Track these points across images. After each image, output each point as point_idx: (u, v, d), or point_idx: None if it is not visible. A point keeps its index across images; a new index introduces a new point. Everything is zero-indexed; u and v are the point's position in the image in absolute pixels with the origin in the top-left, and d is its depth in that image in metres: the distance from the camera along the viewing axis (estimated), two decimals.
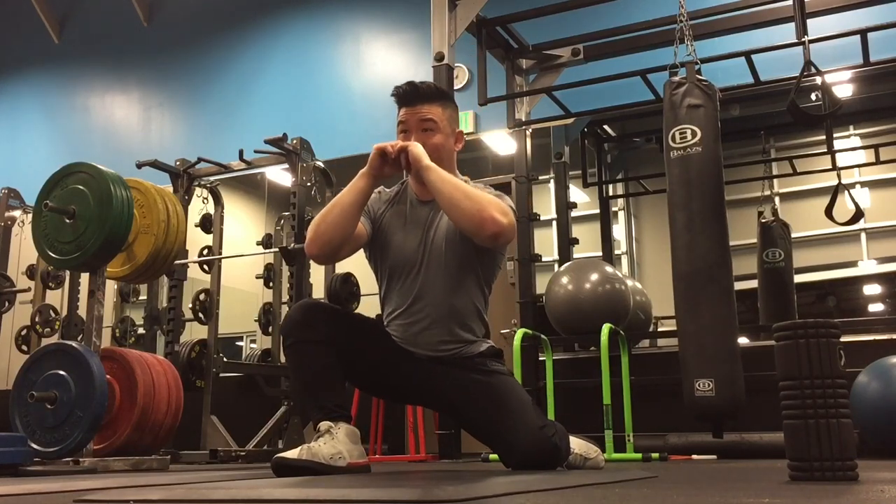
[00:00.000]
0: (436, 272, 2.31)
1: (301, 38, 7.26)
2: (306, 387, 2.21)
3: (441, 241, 2.32)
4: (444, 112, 2.38)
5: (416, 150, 2.24)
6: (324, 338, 2.18)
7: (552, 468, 2.20)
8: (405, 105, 2.37)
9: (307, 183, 4.92)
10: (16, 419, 2.89)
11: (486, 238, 2.18)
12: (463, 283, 2.32)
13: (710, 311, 3.50)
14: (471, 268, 2.33)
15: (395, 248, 2.36)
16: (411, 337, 2.33)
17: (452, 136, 2.40)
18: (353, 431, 2.15)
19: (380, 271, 2.42)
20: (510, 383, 2.32)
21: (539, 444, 2.17)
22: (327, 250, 2.27)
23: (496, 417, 2.23)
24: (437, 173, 2.22)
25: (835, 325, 1.65)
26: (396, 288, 2.36)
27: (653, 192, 6.57)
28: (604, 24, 5.12)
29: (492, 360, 2.35)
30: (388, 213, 2.41)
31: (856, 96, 5.90)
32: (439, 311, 2.31)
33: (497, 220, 2.15)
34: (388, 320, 2.38)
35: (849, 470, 1.60)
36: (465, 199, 2.18)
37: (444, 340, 2.32)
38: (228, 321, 5.43)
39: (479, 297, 2.37)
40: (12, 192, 6.12)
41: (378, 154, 2.26)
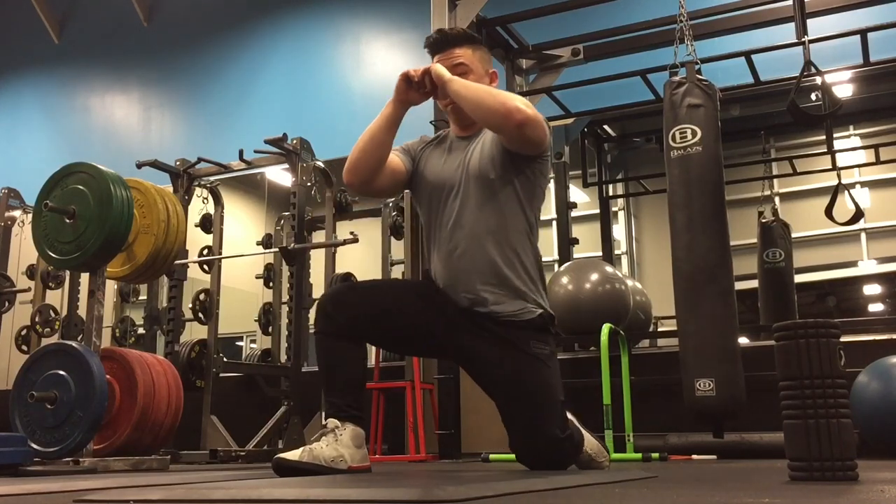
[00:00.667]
0: (473, 190, 2.29)
1: (301, 38, 7.26)
2: (325, 379, 2.21)
3: (477, 161, 2.32)
4: (475, 53, 2.41)
5: (437, 69, 2.27)
6: (346, 331, 2.17)
7: (556, 469, 2.20)
8: (436, 52, 2.41)
9: (307, 183, 4.92)
10: (16, 419, 2.89)
11: (513, 128, 2.17)
12: (503, 200, 2.28)
13: (710, 311, 3.50)
14: (508, 182, 2.28)
15: (433, 178, 2.38)
16: (453, 269, 2.27)
17: (486, 76, 2.42)
18: (359, 434, 2.14)
19: (423, 207, 2.42)
20: (546, 377, 2.23)
21: (552, 455, 2.19)
22: (361, 176, 2.31)
23: (518, 409, 2.21)
24: (459, 82, 2.26)
25: (835, 325, 1.65)
26: (437, 217, 2.35)
27: (653, 192, 6.57)
28: (604, 24, 5.13)
29: (538, 340, 2.24)
30: (427, 151, 2.45)
31: (856, 96, 5.91)
32: (479, 228, 2.26)
33: (521, 110, 2.16)
34: (432, 261, 2.36)
35: (849, 470, 1.60)
36: (488, 96, 2.22)
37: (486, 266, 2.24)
38: (228, 321, 5.43)
39: (521, 219, 2.30)
40: (12, 192, 6.12)
41: (403, 80, 2.29)
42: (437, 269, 2.33)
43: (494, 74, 2.46)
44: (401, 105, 2.32)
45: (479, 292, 2.24)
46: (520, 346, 2.22)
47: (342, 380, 2.19)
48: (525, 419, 2.20)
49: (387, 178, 2.35)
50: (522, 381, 2.20)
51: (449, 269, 2.29)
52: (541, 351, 2.24)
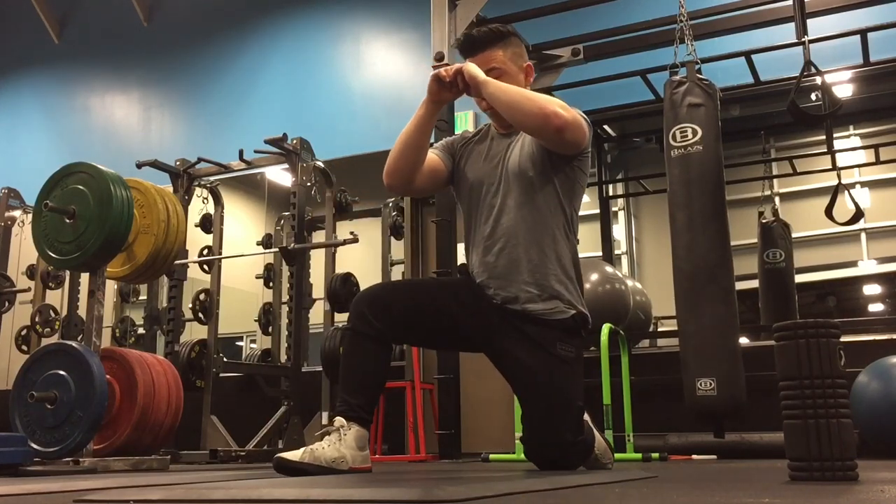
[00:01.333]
0: (512, 184, 2.30)
1: (301, 38, 7.26)
2: (343, 376, 2.20)
3: (516, 159, 2.32)
4: (507, 52, 2.39)
5: (470, 69, 2.25)
6: (378, 334, 2.16)
7: (564, 470, 2.21)
8: (467, 56, 2.40)
9: (307, 183, 4.92)
10: (16, 419, 2.89)
11: (552, 133, 2.18)
12: (543, 197, 2.28)
13: (710, 311, 3.50)
14: (548, 180, 2.29)
15: (474, 174, 2.38)
16: (491, 265, 2.28)
17: (521, 72, 2.42)
18: (363, 436, 2.13)
19: (463, 203, 2.43)
20: (567, 379, 2.23)
21: (559, 456, 2.21)
22: (400, 178, 2.32)
23: (536, 408, 2.21)
24: (494, 85, 2.24)
25: (835, 325, 1.65)
26: (478, 212, 2.35)
27: (653, 192, 6.57)
28: (604, 24, 5.13)
29: (564, 341, 2.24)
30: (468, 148, 2.45)
31: (856, 96, 5.90)
32: (518, 224, 2.27)
33: (559, 114, 2.15)
34: (471, 255, 2.36)
35: (849, 470, 1.60)
36: (525, 100, 2.20)
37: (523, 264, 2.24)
38: (228, 321, 5.44)
39: (560, 217, 2.30)
40: (12, 192, 6.12)
41: (434, 80, 2.28)
42: (475, 265, 2.34)
43: (530, 68, 2.46)
44: (434, 105, 2.31)
45: (514, 290, 2.25)
46: (546, 346, 2.22)
47: (361, 380, 2.18)
48: (539, 419, 2.21)
49: (426, 177, 2.36)
50: (542, 382, 2.21)
51: (486, 266, 2.30)
52: (566, 353, 2.24)
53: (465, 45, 2.41)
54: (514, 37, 2.45)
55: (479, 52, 2.37)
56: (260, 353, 5.78)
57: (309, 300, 5.18)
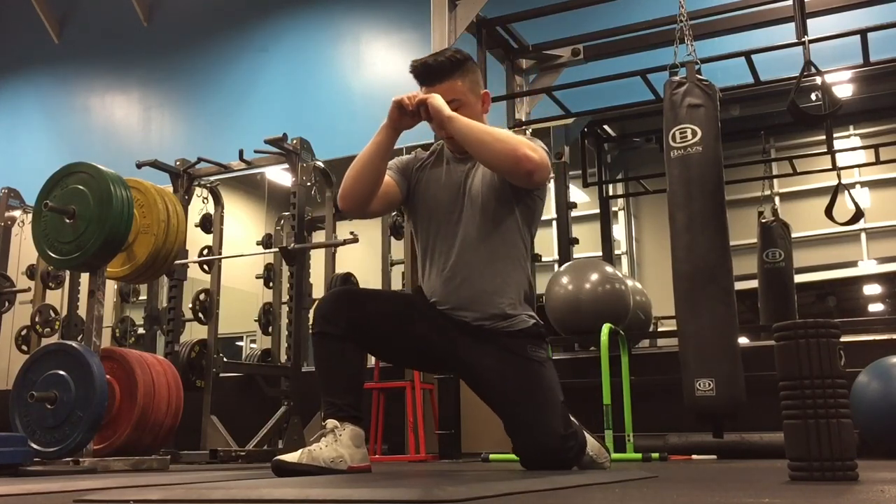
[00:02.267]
0: (473, 217, 2.29)
1: (301, 38, 7.26)
2: (323, 380, 2.21)
3: (478, 188, 2.30)
4: (465, 83, 2.33)
5: (435, 101, 2.21)
6: (344, 332, 2.16)
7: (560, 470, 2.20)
8: (424, 85, 2.35)
9: (307, 183, 4.92)
10: (16, 419, 2.89)
11: (522, 176, 2.17)
12: (502, 227, 2.29)
13: (710, 311, 3.50)
14: (509, 211, 2.29)
15: (432, 202, 2.35)
16: (452, 293, 2.28)
17: (478, 101, 2.37)
18: (358, 434, 2.14)
19: (420, 229, 2.40)
20: (545, 379, 2.25)
21: (555, 454, 2.18)
22: (355, 203, 2.29)
23: (522, 410, 2.21)
24: (461, 121, 2.21)
25: (835, 325, 1.65)
26: (436, 242, 2.34)
27: (653, 192, 6.57)
28: (604, 24, 5.13)
29: (533, 345, 2.27)
30: (424, 172, 2.41)
31: (856, 96, 5.90)
32: (479, 256, 2.27)
33: (530, 157, 2.14)
34: (429, 281, 2.34)
35: (849, 470, 1.60)
36: (495, 142, 2.17)
37: (487, 292, 2.26)
38: (228, 321, 5.43)
39: (520, 246, 2.32)
40: (12, 192, 6.12)
41: (396, 107, 2.25)
42: (435, 291, 2.33)
43: (486, 95, 2.41)
44: (393, 131, 2.28)
45: (477, 313, 2.27)
46: (517, 352, 2.25)
47: (342, 380, 2.19)
48: (529, 420, 2.20)
49: (381, 201, 2.32)
50: (524, 384, 2.21)
51: (447, 294, 2.30)
52: (538, 356, 2.28)
53: (422, 74, 2.33)
54: (470, 62, 2.38)
55: (436, 83, 2.31)
56: (260, 353, 5.77)
57: (309, 300, 5.17)
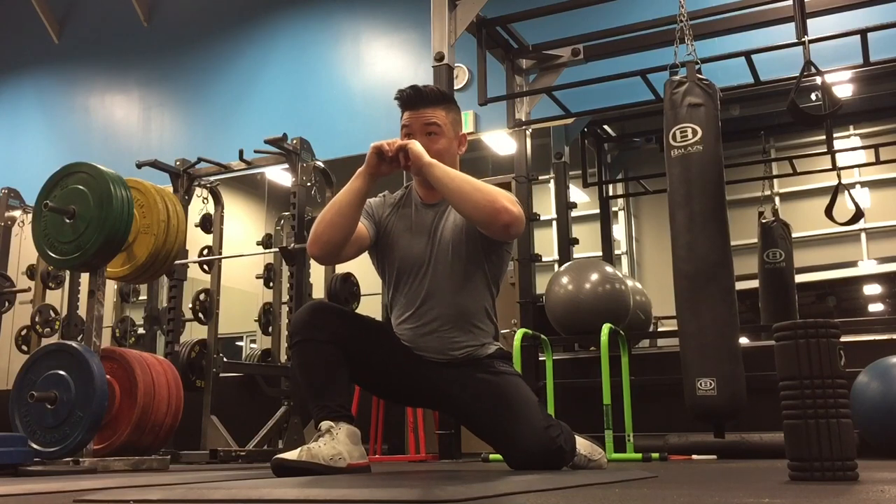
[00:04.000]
0: (443, 272, 2.30)
1: (301, 38, 7.26)
2: (310, 385, 2.20)
3: (448, 241, 2.31)
4: (448, 116, 2.36)
5: (415, 147, 2.21)
6: (330, 338, 2.18)
7: (556, 469, 2.20)
8: (409, 109, 2.35)
9: (307, 183, 4.92)
10: (16, 419, 2.89)
11: (499, 228, 2.17)
12: (471, 283, 2.32)
13: (710, 311, 3.50)
14: (478, 266, 2.32)
15: (401, 251, 2.35)
16: (421, 340, 2.32)
17: (456, 139, 2.38)
18: (354, 432, 2.15)
19: (387, 275, 2.40)
20: (516, 383, 2.31)
21: (543, 445, 2.18)
22: (328, 250, 2.25)
23: (501, 417, 2.22)
24: (440, 169, 2.20)
25: (835, 325, 1.65)
26: (404, 291, 2.35)
27: (653, 192, 6.57)
28: (604, 24, 5.12)
29: (500, 362, 2.34)
30: (392, 217, 2.40)
31: (856, 96, 5.90)
32: (448, 311, 2.30)
33: (510, 210, 2.14)
34: (397, 325, 2.37)
35: (849, 470, 1.60)
36: (475, 192, 2.17)
37: (454, 343, 2.31)
38: (228, 321, 5.43)
39: (488, 297, 2.36)
40: (12, 192, 6.12)
41: (375, 153, 2.23)
42: (403, 333, 2.36)
43: (464, 138, 2.43)
44: (371, 178, 2.26)
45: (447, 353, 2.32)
46: (487, 369, 2.31)
47: (331, 383, 2.19)
48: (511, 427, 2.21)
49: (353, 248, 2.30)
50: (498, 394, 2.26)
51: (416, 341, 2.34)
52: (506, 369, 2.35)
53: (411, 97, 2.35)
54: (456, 105, 2.43)
55: (423, 108, 2.33)
56: (260, 353, 5.77)
57: (309, 300, 5.18)
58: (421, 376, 2.32)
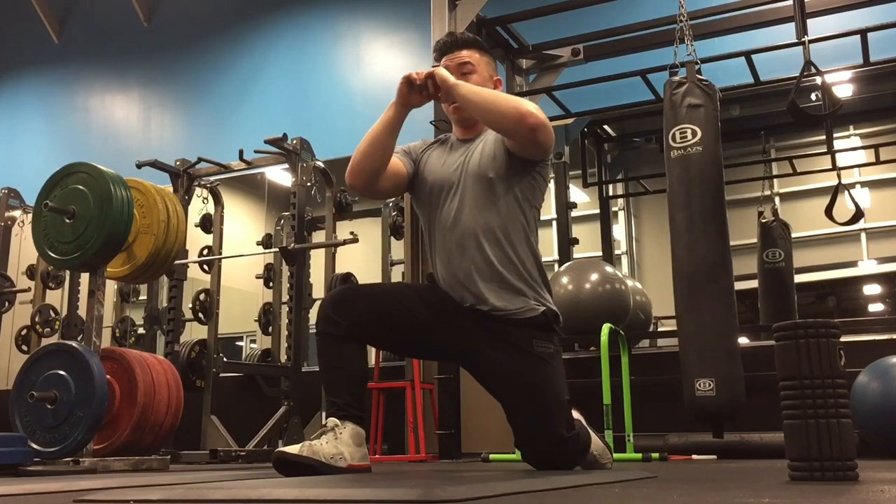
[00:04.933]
0: (473, 189, 2.29)
1: (301, 38, 7.26)
2: (325, 380, 2.22)
3: (477, 161, 2.32)
4: (482, 57, 2.42)
5: (441, 72, 2.25)
6: (346, 333, 2.17)
7: (563, 469, 2.20)
8: (445, 54, 2.42)
9: (307, 183, 4.92)
10: (16, 419, 2.89)
11: (527, 132, 2.17)
12: (502, 200, 2.28)
13: (710, 311, 3.50)
14: (508, 184, 2.29)
15: (433, 178, 2.38)
16: (453, 269, 2.27)
17: (490, 81, 2.42)
18: (359, 433, 2.14)
19: (422, 209, 2.41)
20: (550, 377, 2.23)
21: (557, 454, 2.20)
22: (364, 178, 2.31)
23: (524, 410, 2.20)
24: (466, 87, 2.25)
25: (835, 325, 1.65)
26: (438, 215, 2.34)
27: (653, 192, 6.57)
28: (604, 24, 5.13)
29: (541, 338, 2.24)
30: (429, 153, 2.45)
31: (856, 96, 5.91)
32: (481, 225, 2.25)
33: (533, 113, 2.16)
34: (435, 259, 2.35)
35: (849, 470, 1.60)
36: (500, 100, 2.22)
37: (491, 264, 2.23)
38: (228, 321, 5.43)
39: (520, 218, 2.30)
40: (12, 192, 6.12)
41: (405, 82, 2.27)
42: (439, 270, 2.33)
43: (499, 82, 2.46)
44: (402, 108, 2.30)
45: (481, 291, 2.24)
46: (522, 346, 2.22)
47: (343, 380, 2.19)
48: (530, 419, 2.20)
49: (389, 180, 2.34)
50: (526, 382, 2.20)
51: (449, 269, 2.29)
52: (544, 350, 2.24)
53: (447, 43, 2.43)
54: (491, 53, 2.50)
55: (457, 50, 2.40)
56: (260, 353, 5.77)
57: (309, 300, 5.17)
58: (452, 342, 2.27)
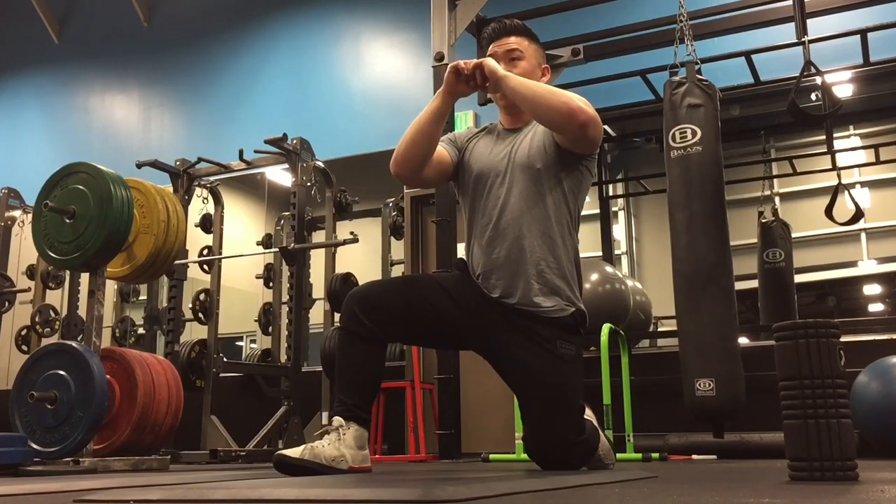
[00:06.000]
0: (520, 179, 2.28)
1: (301, 38, 7.26)
2: (338, 377, 2.21)
3: (525, 152, 2.31)
4: (531, 45, 2.42)
5: (490, 63, 2.23)
6: (370, 334, 2.16)
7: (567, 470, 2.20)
8: (494, 40, 2.41)
9: (307, 183, 4.92)
10: (16, 419, 2.89)
11: (576, 129, 2.17)
12: (548, 193, 2.27)
13: (710, 311, 3.50)
14: (555, 178, 2.28)
15: (479, 165, 2.36)
16: (493, 258, 2.25)
17: (538, 69, 2.42)
18: (362, 435, 2.13)
19: (466, 197, 2.39)
20: (568, 379, 2.21)
21: (561, 456, 2.19)
22: (409, 167, 2.29)
23: (538, 407, 2.20)
24: (515, 79, 2.23)
25: (835, 325, 1.65)
26: (481, 204, 2.33)
27: (653, 192, 6.57)
28: (604, 24, 5.12)
29: (565, 340, 2.22)
30: (475, 142, 2.43)
31: (856, 96, 5.90)
32: (525, 217, 2.24)
33: (584, 109, 2.15)
34: (470, 250, 2.33)
35: (849, 470, 1.60)
36: (550, 95, 2.19)
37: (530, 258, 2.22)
38: (228, 321, 5.44)
39: (565, 213, 2.29)
40: (12, 192, 6.13)
41: (453, 72, 2.25)
42: (476, 256, 2.31)
43: (547, 69, 2.46)
44: (450, 97, 2.29)
45: (516, 282, 2.23)
46: (545, 345, 2.20)
47: (356, 380, 2.18)
48: (540, 418, 2.20)
49: (433, 169, 2.33)
50: (542, 381, 2.19)
51: (488, 257, 2.27)
52: (566, 351, 2.22)
53: (497, 30, 2.42)
54: (539, 41, 2.48)
55: (505, 36, 2.39)
56: (260, 353, 5.78)
57: (309, 300, 5.18)
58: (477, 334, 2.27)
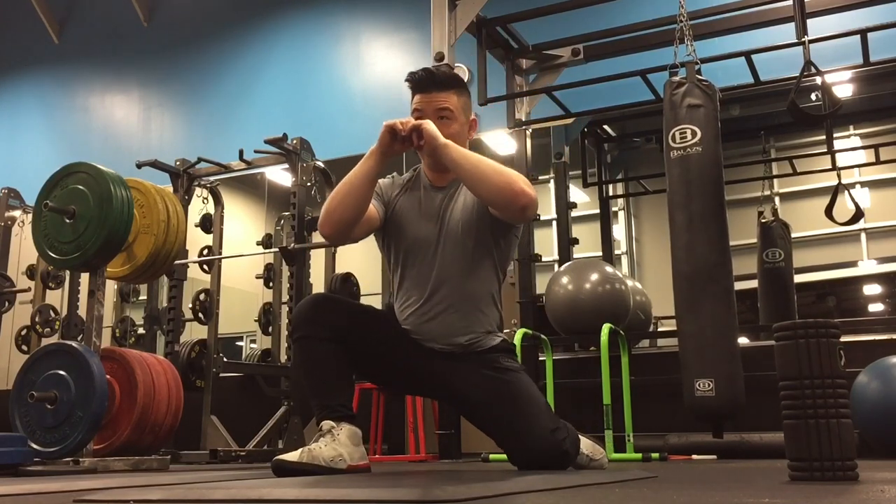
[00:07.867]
0: (452, 255, 2.28)
1: (301, 38, 7.26)
2: (311, 383, 2.19)
3: (457, 224, 2.29)
4: (460, 100, 2.35)
5: (430, 127, 2.19)
6: (331, 335, 2.16)
7: (559, 470, 2.20)
8: (420, 91, 2.33)
9: (307, 183, 4.92)
10: (16, 419, 2.89)
11: (516, 211, 2.16)
12: (479, 267, 2.29)
13: (710, 311, 3.50)
14: (487, 251, 2.30)
15: (409, 233, 2.33)
16: (425, 326, 2.29)
17: (467, 124, 2.37)
18: (355, 433, 2.14)
19: (393, 258, 2.37)
20: (523, 382, 2.27)
21: (549, 449, 2.18)
22: (339, 229, 2.24)
23: (508, 418, 2.21)
24: (456, 150, 2.19)
25: (835, 325, 1.65)
26: (411, 274, 2.32)
27: (653, 192, 6.57)
28: (604, 24, 5.12)
29: (505, 357, 2.31)
30: (401, 199, 2.38)
31: (856, 96, 5.90)
32: (456, 295, 2.27)
33: (527, 193, 2.13)
34: (401, 310, 2.33)
35: (849, 470, 1.60)
36: (493, 174, 2.15)
37: (460, 329, 2.28)
38: (228, 321, 5.43)
39: (495, 283, 2.34)
40: (12, 192, 6.12)
41: (388, 131, 2.20)
42: (408, 321, 2.32)
43: (474, 122, 2.42)
44: (382, 157, 2.24)
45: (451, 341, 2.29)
46: (492, 364, 2.28)
47: (332, 381, 2.18)
48: (516, 426, 2.21)
49: (363, 228, 2.29)
50: (503, 392, 2.24)
51: (421, 327, 2.30)
52: (512, 365, 2.31)
53: (423, 80, 2.33)
54: (467, 89, 2.42)
55: (436, 91, 2.31)
56: (260, 353, 5.78)
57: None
58: (425, 368, 2.29)
